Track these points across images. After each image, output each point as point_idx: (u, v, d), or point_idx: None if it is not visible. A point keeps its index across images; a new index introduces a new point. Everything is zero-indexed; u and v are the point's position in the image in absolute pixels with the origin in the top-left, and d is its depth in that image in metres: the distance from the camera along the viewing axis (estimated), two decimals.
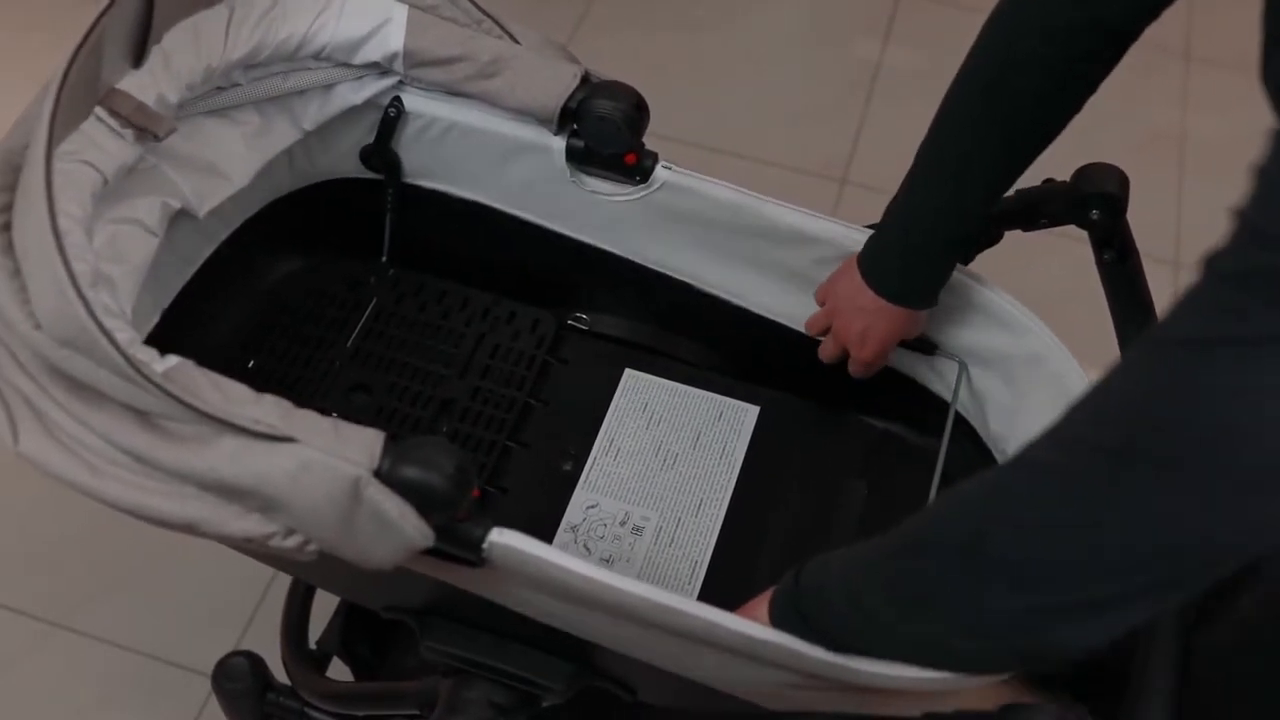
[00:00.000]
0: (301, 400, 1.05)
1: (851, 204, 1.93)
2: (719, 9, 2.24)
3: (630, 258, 1.07)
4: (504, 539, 0.74)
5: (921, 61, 2.12)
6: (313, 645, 1.16)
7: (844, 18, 2.23)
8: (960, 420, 1.00)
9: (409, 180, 1.11)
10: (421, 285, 1.14)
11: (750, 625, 0.73)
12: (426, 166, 1.10)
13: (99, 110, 0.84)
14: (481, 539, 0.74)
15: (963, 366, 0.99)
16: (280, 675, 1.12)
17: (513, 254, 1.12)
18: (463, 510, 0.73)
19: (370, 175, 1.11)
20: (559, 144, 1.02)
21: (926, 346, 1.00)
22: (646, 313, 1.12)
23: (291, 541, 0.75)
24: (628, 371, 1.07)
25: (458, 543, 0.75)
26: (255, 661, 1.08)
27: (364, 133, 1.08)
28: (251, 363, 1.07)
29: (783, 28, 2.22)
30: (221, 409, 0.71)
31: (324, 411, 1.06)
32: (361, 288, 1.13)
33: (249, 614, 1.50)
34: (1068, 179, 0.94)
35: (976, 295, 0.95)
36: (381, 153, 1.08)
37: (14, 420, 0.73)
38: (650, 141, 1.02)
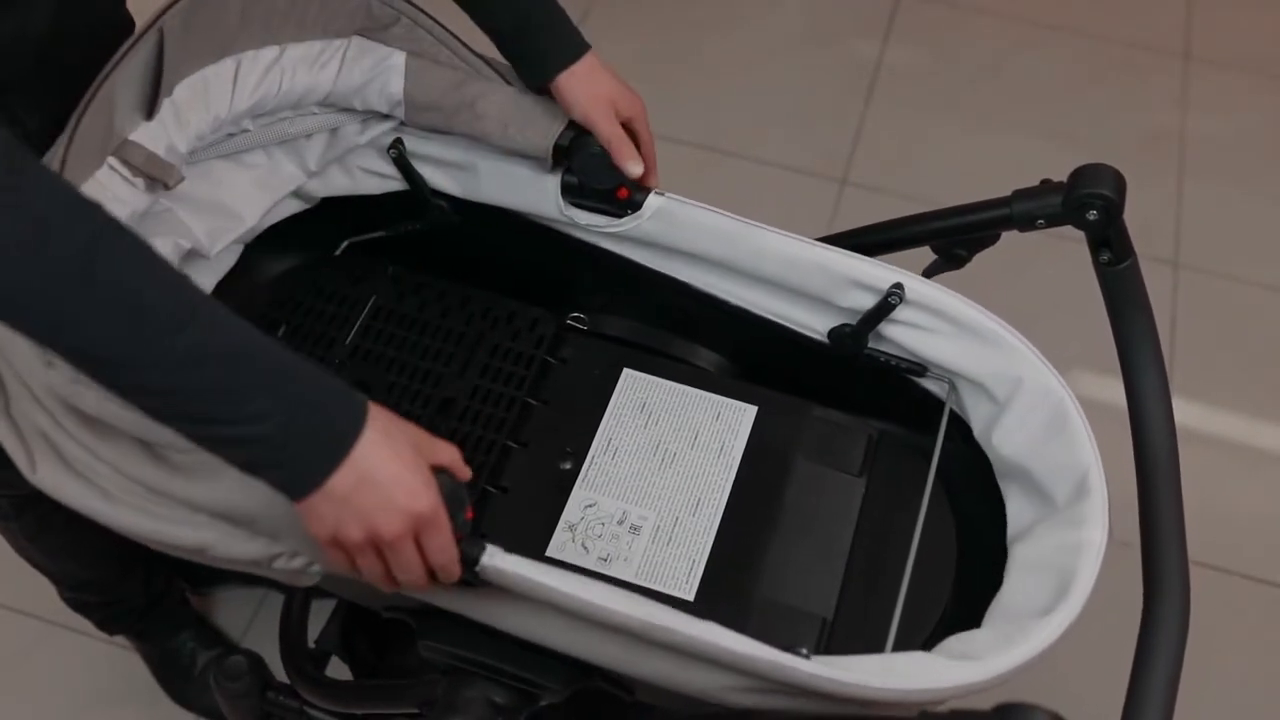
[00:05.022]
0: None
1: (851, 204, 1.93)
2: (719, 9, 2.24)
3: (629, 256, 1.07)
4: (495, 561, 0.75)
5: (921, 61, 2.12)
6: (312, 644, 1.16)
7: (844, 18, 2.23)
8: (956, 419, 1.01)
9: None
10: (421, 284, 1.14)
11: (740, 640, 0.74)
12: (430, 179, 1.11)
13: (112, 160, 0.87)
14: (476, 559, 0.75)
15: (951, 385, 0.99)
16: (280, 674, 1.12)
17: (512, 253, 1.12)
18: (458, 532, 0.74)
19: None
20: (554, 181, 1.04)
21: (916, 368, 1.00)
22: (645, 313, 1.13)
23: (297, 563, 0.78)
24: (626, 371, 1.07)
25: None
26: (255, 660, 1.08)
27: (367, 162, 1.10)
28: None
29: (783, 28, 2.22)
30: None
31: None
32: (361, 285, 1.14)
33: (250, 613, 1.50)
34: (1064, 179, 0.94)
35: (962, 316, 0.95)
36: (418, 192, 1.09)
37: (31, 452, 0.77)
38: None
